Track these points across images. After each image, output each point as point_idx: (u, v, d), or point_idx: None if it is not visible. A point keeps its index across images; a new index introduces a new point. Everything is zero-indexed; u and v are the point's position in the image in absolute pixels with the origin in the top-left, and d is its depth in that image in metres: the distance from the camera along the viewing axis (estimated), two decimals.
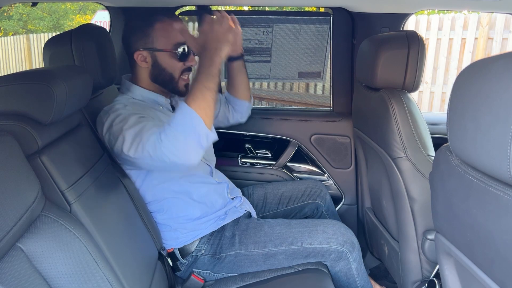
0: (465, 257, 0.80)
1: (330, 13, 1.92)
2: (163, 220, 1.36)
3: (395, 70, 1.37)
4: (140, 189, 1.34)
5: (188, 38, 1.28)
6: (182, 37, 1.30)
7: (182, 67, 1.33)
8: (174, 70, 1.32)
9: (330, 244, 1.34)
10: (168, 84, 1.35)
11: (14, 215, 0.76)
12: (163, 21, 1.30)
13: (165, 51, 1.29)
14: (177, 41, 1.30)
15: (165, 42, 1.29)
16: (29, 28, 10.86)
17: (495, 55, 0.65)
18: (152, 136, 1.07)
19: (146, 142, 1.07)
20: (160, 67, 1.32)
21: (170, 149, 1.04)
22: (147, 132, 1.09)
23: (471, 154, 0.69)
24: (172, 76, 1.33)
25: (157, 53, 1.30)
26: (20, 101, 0.96)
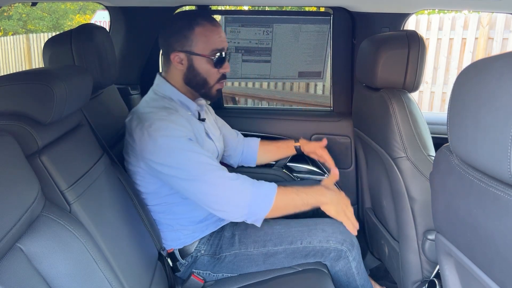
0: (465, 257, 0.80)
1: (330, 13, 1.92)
2: (166, 220, 1.36)
3: (395, 70, 1.37)
4: (149, 193, 1.33)
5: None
6: (221, 43, 1.30)
7: (217, 74, 1.32)
8: (208, 76, 1.31)
9: (330, 242, 1.34)
10: (201, 88, 1.34)
11: (14, 215, 0.76)
12: (204, 26, 1.28)
13: (202, 56, 1.28)
14: (215, 47, 1.28)
15: (203, 47, 1.28)
16: (28, 28, 10.86)
17: (495, 55, 0.65)
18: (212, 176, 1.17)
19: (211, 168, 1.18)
20: (195, 71, 1.30)
21: (240, 189, 1.18)
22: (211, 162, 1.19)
23: (471, 154, 0.69)
24: (206, 81, 1.32)
25: (194, 56, 1.29)
26: (20, 101, 0.95)
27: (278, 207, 1.19)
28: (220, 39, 1.30)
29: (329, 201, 1.23)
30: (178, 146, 1.17)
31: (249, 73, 2.07)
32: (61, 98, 0.98)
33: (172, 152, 1.17)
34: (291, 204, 1.22)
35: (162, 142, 1.17)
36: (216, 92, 1.37)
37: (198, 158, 1.18)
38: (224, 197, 1.17)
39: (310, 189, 1.24)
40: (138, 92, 2.03)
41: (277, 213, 1.21)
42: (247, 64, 2.04)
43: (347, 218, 1.24)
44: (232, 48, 2.01)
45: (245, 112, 2.18)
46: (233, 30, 1.97)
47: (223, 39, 1.31)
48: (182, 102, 1.34)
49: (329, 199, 1.23)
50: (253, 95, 5.14)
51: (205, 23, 1.28)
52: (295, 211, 1.23)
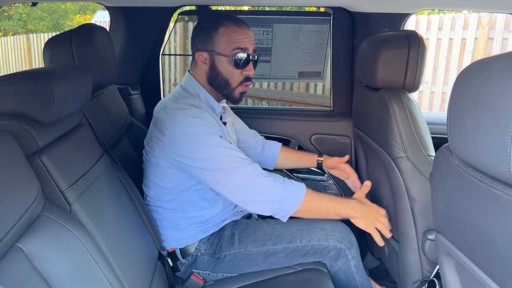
0: (465, 257, 0.80)
1: (330, 13, 1.92)
2: (175, 218, 1.36)
3: (395, 70, 1.37)
4: (167, 188, 1.33)
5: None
6: (244, 43, 1.29)
7: (240, 76, 1.32)
8: (230, 77, 1.31)
9: (329, 241, 1.34)
10: (223, 89, 1.34)
11: (14, 215, 0.76)
12: (228, 26, 1.29)
13: (223, 55, 1.29)
14: (236, 47, 1.28)
15: (224, 47, 1.28)
16: (29, 28, 10.86)
17: (495, 55, 0.65)
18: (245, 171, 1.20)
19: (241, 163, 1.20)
20: (217, 71, 1.31)
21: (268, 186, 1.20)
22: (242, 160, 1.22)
23: (471, 154, 0.69)
24: (228, 82, 1.32)
25: (216, 56, 1.30)
26: (20, 101, 0.95)
27: (308, 209, 1.24)
28: (244, 40, 1.29)
29: (359, 216, 1.27)
30: (211, 142, 1.20)
31: None
32: (61, 98, 0.98)
33: (206, 147, 1.19)
34: (323, 209, 1.25)
35: (195, 138, 1.20)
36: (240, 95, 1.36)
37: (231, 152, 1.21)
38: (256, 191, 1.20)
39: (343, 201, 1.29)
40: (138, 92, 2.03)
41: (308, 214, 1.26)
42: None
43: (376, 231, 1.28)
44: None
45: (245, 112, 2.18)
46: None
47: (247, 40, 1.30)
48: (208, 102, 1.35)
49: (360, 213, 1.27)
50: (253, 95, 5.13)
51: (230, 24, 1.29)
52: (326, 217, 1.28)
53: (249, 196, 1.21)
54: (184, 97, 1.32)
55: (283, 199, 1.20)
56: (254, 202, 1.22)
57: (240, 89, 1.35)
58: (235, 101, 1.37)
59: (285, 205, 1.21)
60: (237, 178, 1.20)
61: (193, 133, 1.20)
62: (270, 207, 1.22)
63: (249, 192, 1.21)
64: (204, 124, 1.22)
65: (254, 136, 1.70)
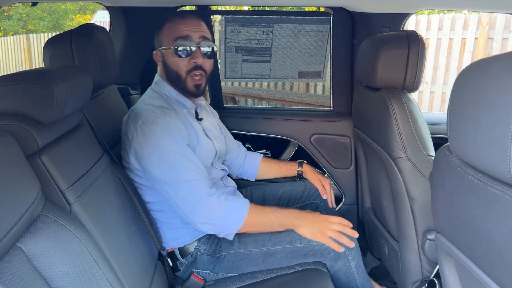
0: (465, 257, 0.80)
1: (330, 13, 1.92)
2: (166, 219, 1.36)
3: (395, 70, 1.37)
4: (146, 190, 1.34)
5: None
6: (184, 32, 1.28)
7: (187, 65, 1.30)
8: (178, 68, 1.30)
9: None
10: (177, 83, 1.33)
11: (14, 215, 0.76)
12: (172, 20, 1.31)
13: (167, 48, 1.30)
14: (176, 36, 1.28)
15: (168, 40, 1.30)
16: (29, 28, 10.86)
17: (495, 55, 0.65)
18: (193, 187, 1.19)
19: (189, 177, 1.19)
20: (167, 66, 1.32)
21: (212, 207, 1.19)
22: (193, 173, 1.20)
23: (471, 154, 0.69)
24: (178, 74, 1.31)
25: (164, 52, 1.31)
26: (20, 101, 0.95)
27: (252, 224, 1.23)
28: (185, 28, 1.28)
29: (302, 224, 1.26)
30: (166, 146, 1.19)
31: (249, 73, 2.07)
32: (61, 98, 0.98)
33: (159, 150, 1.19)
34: (267, 222, 1.25)
35: (152, 139, 1.19)
36: (195, 87, 1.33)
37: (183, 162, 1.19)
38: (199, 210, 1.19)
39: (285, 211, 1.28)
40: (138, 92, 2.03)
41: (251, 229, 1.25)
42: (247, 64, 2.04)
43: (327, 238, 1.26)
44: (232, 48, 2.01)
45: (245, 112, 2.18)
46: (233, 30, 1.97)
47: (189, 28, 1.29)
48: (178, 100, 1.35)
49: (303, 223, 1.26)
50: (253, 95, 5.14)
51: (174, 18, 1.31)
52: (270, 230, 1.27)
53: (193, 213, 1.20)
54: (152, 97, 1.34)
55: (227, 217, 1.20)
56: (197, 221, 1.20)
57: (190, 81, 1.31)
58: (193, 93, 1.34)
59: (228, 223, 1.20)
60: (184, 192, 1.19)
61: (151, 133, 1.20)
62: (213, 227, 1.21)
63: (193, 209, 1.19)
64: (165, 126, 1.21)
65: (238, 147, 1.71)
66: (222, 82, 2.13)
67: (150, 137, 1.20)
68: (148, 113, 1.24)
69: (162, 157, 1.19)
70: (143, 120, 1.22)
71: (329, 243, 1.26)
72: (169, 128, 1.21)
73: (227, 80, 2.12)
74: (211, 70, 1.38)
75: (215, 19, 3.79)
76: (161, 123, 1.21)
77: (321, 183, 1.65)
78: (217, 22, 3.79)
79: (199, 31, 1.31)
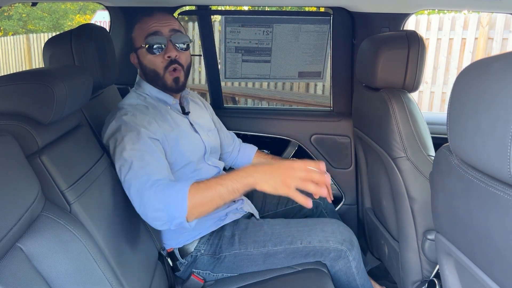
0: (465, 257, 0.80)
1: (330, 13, 1.92)
2: None
3: (395, 70, 1.37)
4: None
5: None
6: (153, 28, 1.27)
7: (163, 61, 1.28)
8: (154, 65, 1.29)
9: (329, 242, 1.34)
10: (156, 81, 1.32)
11: (14, 215, 0.76)
12: (141, 20, 1.31)
13: (139, 48, 1.30)
14: (146, 34, 1.27)
15: (139, 40, 1.29)
16: (29, 28, 10.86)
17: (495, 55, 0.65)
18: (139, 182, 1.08)
19: (135, 175, 1.10)
20: (143, 65, 1.32)
21: (149, 203, 1.07)
22: (141, 168, 1.10)
23: (471, 154, 0.69)
24: (156, 72, 1.29)
25: (138, 52, 1.31)
26: (20, 101, 0.96)
27: (198, 204, 1.05)
28: (153, 25, 1.27)
29: (260, 179, 1.03)
30: (125, 142, 1.14)
31: (249, 73, 2.07)
32: (61, 98, 0.98)
33: (120, 148, 1.15)
34: (214, 196, 1.05)
35: (115, 137, 1.18)
36: (174, 82, 1.30)
37: (138, 158, 1.12)
38: (141, 206, 1.08)
39: (234, 173, 1.06)
40: None
41: (201, 209, 1.06)
42: (247, 64, 2.04)
43: (292, 190, 0.99)
44: (232, 48, 2.01)
45: (245, 112, 2.18)
46: (233, 30, 1.97)
47: (158, 23, 1.27)
48: (158, 97, 1.35)
49: (258, 178, 1.03)
50: (253, 95, 5.14)
51: (142, 18, 1.30)
52: (223, 202, 1.06)
53: (141, 211, 1.09)
54: (130, 97, 1.34)
55: (166, 207, 1.05)
56: (146, 219, 1.09)
57: (169, 76, 1.29)
58: (174, 89, 1.31)
59: (172, 212, 1.05)
60: (133, 190, 1.09)
61: (115, 131, 1.19)
62: (160, 222, 1.08)
63: (139, 207, 1.09)
64: (127, 122, 1.19)
65: (232, 140, 1.69)
66: (222, 82, 2.13)
67: (114, 135, 1.19)
68: (119, 112, 1.24)
69: (121, 155, 1.14)
70: (114, 119, 1.22)
71: (294, 196, 0.99)
72: (132, 124, 1.19)
73: (227, 80, 2.12)
74: (189, 63, 1.35)
75: (215, 19, 3.79)
76: (125, 119, 1.20)
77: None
78: (217, 22, 3.79)
79: (168, 25, 1.29)
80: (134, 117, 1.21)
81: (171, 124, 1.30)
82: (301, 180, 0.99)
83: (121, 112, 1.24)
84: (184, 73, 1.33)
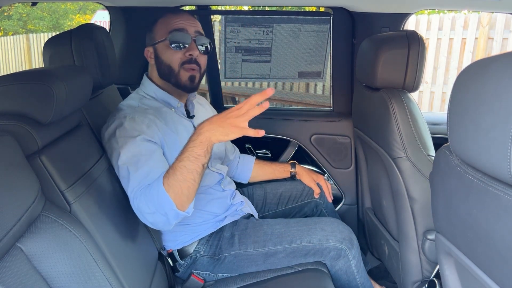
0: (465, 257, 0.80)
1: (330, 13, 1.92)
2: None
3: (395, 70, 1.37)
4: None
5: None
6: (179, 24, 1.26)
7: (181, 57, 1.27)
8: (171, 61, 1.27)
9: (329, 241, 1.34)
10: (170, 77, 1.29)
11: (14, 215, 0.76)
12: (166, 16, 1.30)
13: (160, 41, 1.27)
14: (171, 29, 1.26)
15: (162, 33, 1.27)
16: (29, 28, 10.86)
17: (495, 55, 0.65)
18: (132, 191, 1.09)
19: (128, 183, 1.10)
20: (160, 59, 1.29)
21: (141, 209, 1.07)
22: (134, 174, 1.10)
23: (471, 154, 0.69)
24: (171, 68, 1.27)
25: (157, 46, 1.29)
26: (20, 101, 0.96)
27: (177, 189, 1.03)
28: (180, 21, 1.26)
29: (209, 134, 1.00)
30: (122, 147, 1.14)
31: (249, 73, 2.07)
32: (61, 98, 0.98)
33: (116, 153, 1.15)
34: (184, 173, 1.02)
35: (111, 141, 1.17)
36: (188, 79, 1.28)
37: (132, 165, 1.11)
38: (140, 214, 1.09)
39: (187, 143, 1.04)
40: None
41: (184, 192, 1.03)
42: (247, 64, 2.04)
43: (244, 129, 0.97)
44: (232, 48, 2.01)
45: None
46: (233, 30, 1.97)
47: (185, 22, 1.27)
48: (164, 99, 1.33)
49: (208, 132, 1.00)
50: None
51: (168, 14, 1.30)
52: (197, 172, 1.02)
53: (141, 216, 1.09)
54: (132, 98, 1.32)
55: (157, 207, 1.05)
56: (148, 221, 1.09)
57: (184, 74, 1.27)
58: (187, 87, 1.29)
59: (163, 210, 1.04)
60: (131, 197, 1.10)
61: (111, 135, 1.18)
62: (161, 223, 1.08)
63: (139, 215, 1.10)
64: (124, 126, 1.17)
65: (234, 150, 1.69)
66: (222, 82, 2.13)
67: (110, 140, 1.18)
68: (119, 113, 1.23)
69: (116, 162, 1.14)
70: (112, 121, 1.21)
71: (247, 132, 0.97)
72: (129, 129, 1.17)
73: (227, 80, 2.12)
74: (205, 69, 1.35)
75: (215, 19, 3.79)
76: (123, 123, 1.18)
77: (315, 182, 1.64)
78: (217, 22, 3.79)
79: (194, 25, 1.29)
80: (132, 121, 1.19)
81: (172, 127, 1.28)
82: (243, 115, 0.98)
83: (120, 114, 1.22)
84: (200, 75, 1.32)
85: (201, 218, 1.36)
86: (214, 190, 1.42)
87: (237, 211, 1.46)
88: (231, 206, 1.45)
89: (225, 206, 1.43)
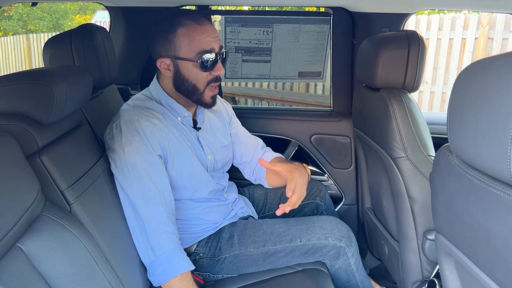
0: (465, 257, 0.80)
1: (330, 13, 1.92)
2: None
3: (395, 70, 1.37)
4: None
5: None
6: (208, 44, 1.19)
7: (208, 77, 1.22)
8: (198, 81, 1.22)
9: (328, 239, 1.34)
10: (192, 95, 1.25)
11: (14, 215, 0.76)
12: (187, 26, 1.18)
13: (187, 60, 1.19)
14: (200, 49, 1.18)
15: (188, 51, 1.18)
16: (29, 28, 10.86)
17: (495, 55, 0.65)
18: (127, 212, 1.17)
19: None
20: (183, 77, 1.22)
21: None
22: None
23: (471, 154, 0.69)
24: (196, 87, 1.23)
25: (180, 61, 1.20)
26: (20, 101, 0.95)
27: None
28: (207, 39, 1.19)
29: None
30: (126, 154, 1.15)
31: (249, 73, 2.07)
32: (61, 98, 0.98)
33: (120, 157, 1.16)
34: None
35: (116, 146, 1.17)
36: (211, 99, 1.27)
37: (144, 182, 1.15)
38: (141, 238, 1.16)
39: None
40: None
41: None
42: (247, 64, 2.04)
43: None
44: (232, 48, 2.01)
45: (245, 112, 2.18)
46: (233, 30, 1.97)
47: (211, 38, 1.20)
48: (172, 106, 1.29)
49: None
50: (253, 95, 5.14)
51: (189, 23, 1.19)
52: None
53: (135, 238, 1.17)
54: (139, 99, 1.29)
55: (156, 264, 1.14)
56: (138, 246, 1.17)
57: (209, 93, 1.25)
58: (209, 105, 1.28)
59: (156, 269, 1.14)
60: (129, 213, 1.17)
61: (119, 137, 1.17)
62: (144, 259, 1.16)
63: (135, 234, 1.17)
64: (133, 133, 1.16)
65: (257, 144, 1.56)
66: (222, 82, 2.13)
67: (113, 145, 1.18)
68: (124, 114, 1.20)
69: (115, 169, 1.17)
70: (117, 123, 1.19)
71: None
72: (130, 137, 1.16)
73: (227, 80, 2.12)
74: None
75: (215, 19, 3.78)
76: (124, 128, 1.17)
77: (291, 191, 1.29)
78: (217, 22, 3.78)
79: (218, 40, 1.22)
80: (134, 125, 1.17)
81: (175, 136, 1.26)
82: None
83: (124, 114, 1.21)
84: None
85: (201, 226, 1.37)
86: (216, 199, 1.42)
87: (237, 214, 1.47)
88: (232, 211, 1.46)
89: (226, 213, 1.43)
